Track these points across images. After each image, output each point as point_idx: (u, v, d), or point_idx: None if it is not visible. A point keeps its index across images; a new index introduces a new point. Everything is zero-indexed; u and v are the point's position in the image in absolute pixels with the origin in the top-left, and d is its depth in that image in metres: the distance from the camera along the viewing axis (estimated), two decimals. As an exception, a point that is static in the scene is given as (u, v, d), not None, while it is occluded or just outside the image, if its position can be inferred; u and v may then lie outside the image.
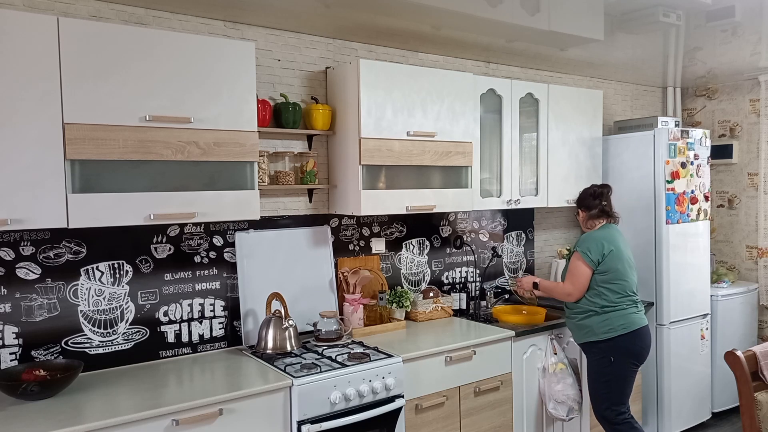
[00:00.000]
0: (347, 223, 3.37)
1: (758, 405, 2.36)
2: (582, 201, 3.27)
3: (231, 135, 2.54)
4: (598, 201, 3.20)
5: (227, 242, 2.97)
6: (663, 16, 3.89)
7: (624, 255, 3.12)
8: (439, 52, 3.69)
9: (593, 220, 3.22)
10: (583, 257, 3.08)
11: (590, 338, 3.09)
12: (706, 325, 4.23)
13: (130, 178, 2.34)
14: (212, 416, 2.27)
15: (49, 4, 2.49)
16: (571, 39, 3.51)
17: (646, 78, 4.87)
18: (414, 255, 3.66)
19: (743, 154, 4.85)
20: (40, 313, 2.51)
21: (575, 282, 3.09)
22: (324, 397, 2.49)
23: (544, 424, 3.38)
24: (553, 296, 3.24)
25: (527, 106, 3.72)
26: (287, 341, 2.77)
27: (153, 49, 2.36)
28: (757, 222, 4.75)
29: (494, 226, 4.04)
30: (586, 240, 3.12)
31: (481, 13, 3.02)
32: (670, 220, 3.93)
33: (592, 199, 3.22)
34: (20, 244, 2.47)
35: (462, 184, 3.34)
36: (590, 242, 3.10)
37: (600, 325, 3.05)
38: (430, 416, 2.90)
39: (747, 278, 4.84)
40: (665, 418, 3.97)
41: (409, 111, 3.09)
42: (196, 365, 2.71)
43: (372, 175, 3.01)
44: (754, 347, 2.48)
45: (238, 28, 2.96)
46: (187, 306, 2.86)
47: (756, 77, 4.64)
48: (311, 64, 3.20)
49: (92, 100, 2.24)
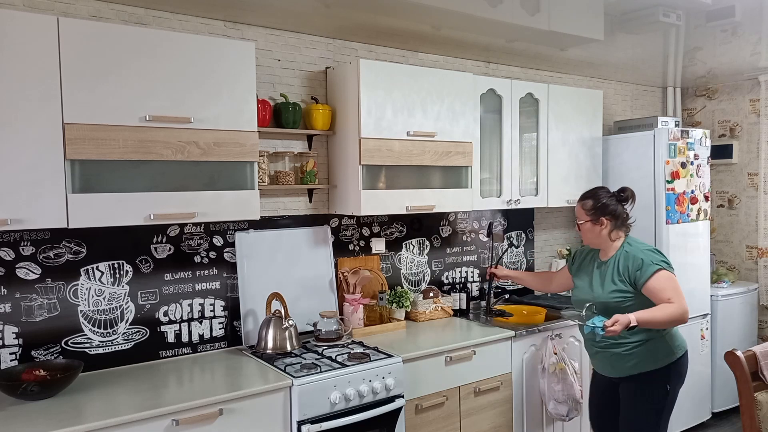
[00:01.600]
0: (347, 223, 3.37)
1: (758, 405, 2.36)
2: (605, 209, 2.72)
3: (231, 135, 2.54)
4: (622, 208, 2.75)
5: (227, 242, 2.97)
6: (663, 16, 3.89)
7: None
8: (439, 52, 3.69)
9: (618, 231, 2.75)
10: (670, 270, 2.62)
11: (644, 368, 2.64)
12: (706, 325, 4.23)
13: (130, 178, 2.33)
14: (212, 416, 2.27)
15: (49, 4, 2.48)
16: (571, 39, 3.52)
17: (646, 78, 4.87)
18: (414, 255, 3.66)
19: (743, 154, 4.85)
20: (40, 313, 2.51)
21: (683, 298, 2.56)
22: (324, 397, 2.49)
23: (544, 424, 3.38)
24: (663, 326, 2.58)
25: (527, 106, 3.72)
26: (287, 341, 2.77)
27: (153, 49, 2.36)
28: (757, 222, 4.75)
29: (494, 226, 4.03)
30: (649, 253, 2.66)
31: (481, 13, 3.02)
32: (670, 220, 3.93)
33: (617, 205, 2.74)
34: (20, 244, 2.47)
35: (462, 184, 3.34)
36: (657, 254, 2.67)
37: (661, 350, 2.63)
38: (430, 416, 2.90)
39: (747, 278, 4.84)
40: (665, 418, 3.97)
41: (409, 111, 3.09)
42: (196, 365, 2.71)
43: (372, 175, 3.01)
44: (754, 347, 2.48)
45: (238, 28, 2.96)
46: (187, 306, 2.86)
47: (756, 77, 4.63)
48: (311, 64, 3.20)
49: (92, 100, 2.24)
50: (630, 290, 2.65)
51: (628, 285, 2.65)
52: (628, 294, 2.65)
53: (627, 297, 2.65)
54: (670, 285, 2.57)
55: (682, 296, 2.55)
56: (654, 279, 2.57)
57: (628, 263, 2.66)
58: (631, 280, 2.64)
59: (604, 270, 2.75)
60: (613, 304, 2.65)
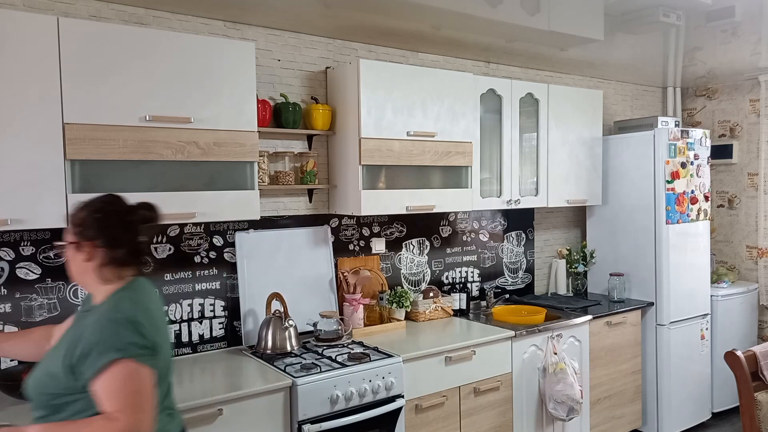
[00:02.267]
0: (347, 223, 3.37)
1: (758, 405, 2.36)
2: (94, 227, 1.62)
3: (231, 135, 2.54)
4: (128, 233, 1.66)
5: (227, 242, 2.97)
6: (663, 16, 3.89)
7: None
8: (439, 52, 3.69)
9: (115, 269, 1.64)
10: (145, 360, 1.53)
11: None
12: (706, 325, 4.23)
13: (130, 178, 2.34)
14: (212, 416, 2.27)
15: (49, 4, 2.48)
16: (571, 39, 3.52)
17: (646, 78, 4.87)
18: (414, 255, 3.66)
19: (743, 154, 4.85)
20: (40, 313, 2.51)
21: (140, 414, 1.48)
22: (324, 397, 2.49)
23: (544, 424, 3.38)
24: None
25: (527, 106, 3.72)
26: (287, 341, 2.77)
27: (153, 49, 2.36)
28: (757, 222, 4.75)
29: (494, 226, 4.04)
30: (120, 326, 1.53)
31: (481, 13, 3.02)
32: (670, 220, 3.93)
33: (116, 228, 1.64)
34: (20, 244, 2.47)
35: (462, 184, 3.34)
36: (132, 329, 1.53)
37: None
38: (430, 416, 2.90)
39: (747, 278, 4.83)
40: (665, 418, 3.97)
41: (409, 111, 3.09)
42: (196, 365, 2.71)
43: (372, 175, 3.01)
44: (754, 347, 2.48)
45: (238, 28, 2.96)
46: (187, 306, 2.86)
47: (756, 77, 4.63)
48: (311, 64, 3.20)
49: (92, 100, 2.24)
50: (69, 383, 1.53)
51: (68, 373, 1.52)
52: (68, 386, 1.53)
53: (66, 390, 1.54)
54: (124, 388, 1.47)
55: (140, 410, 1.46)
56: (105, 376, 1.47)
57: (84, 334, 1.53)
58: (73, 365, 1.51)
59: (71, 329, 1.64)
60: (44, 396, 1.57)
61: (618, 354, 3.80)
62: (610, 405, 3.78)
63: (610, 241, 4.23)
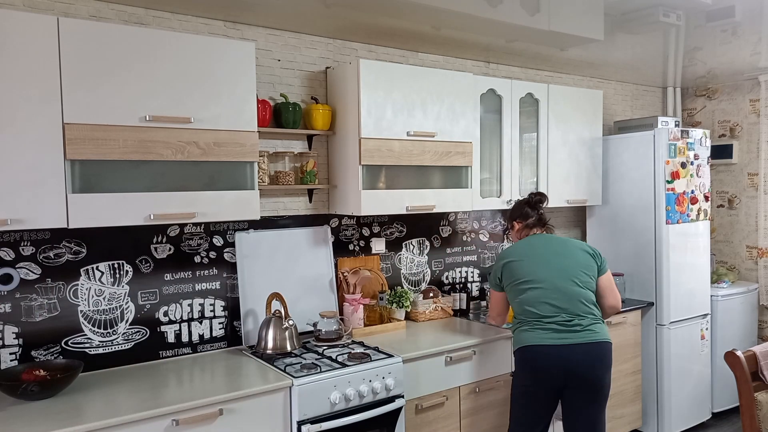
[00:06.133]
0: (347, 223, 3.37)
1: (758, 405, 2.36)
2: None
3: (231, 135, 2.55)
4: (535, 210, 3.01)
5: (227, 242, 2.97)
6: (663, 16, 3.89)
7: None
8: (439, 52, 3.69)
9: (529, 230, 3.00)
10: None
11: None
12: (706, 325, 4.23)
13: (130, 178, 2.34)
14: (212, 416, 2.27)
15: (49, 4, 2.49)
16: (571, 39, 3.51)
17: (646, 78, 4.87)
18: (414, 255, 3.66)
19: (743, 154, 4.85)
20: (40, 313, 2.51)
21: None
22: (324, 397, 2.50)
23: (544, 424, 3.38)
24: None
25: (527, 106, 3.72)
26: (287, 341, 2.77)
27: (153, 49, 2.36)
28: (757, 222, 4.75)
29: (494, 226, 4.04)
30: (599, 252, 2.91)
31: (481, 13, 3.01)
32: (670, 220, 3.93)
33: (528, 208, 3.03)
34: (20, 244, 2.47)
35: (462, 184, 3.34)
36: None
37: (515, 339, 2.89)
38: (430, 416, 2.90)
39: (747, 278, 4.84)
40: (665, 418, 3.97)
41: (409, 111, 3.09)
42: (196, 365, 2.71)
43: (372, 175, 3.01)
44: (754, 347, 2.47)
45: (238, 29, 2.96)
46: (187, 306, 2.86)
47: (756, 77, 4.64)
48: (311, 64, 3.20)
49: (92, 100, 2.24)
50: None
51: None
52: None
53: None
54: (614, 284, 2.89)
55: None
56: (607, 276, 2.89)
57: None
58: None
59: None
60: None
61: (618, 354, 3.80)
62: (610, 405, 3.76)
63: (610, 241, 4.24)
